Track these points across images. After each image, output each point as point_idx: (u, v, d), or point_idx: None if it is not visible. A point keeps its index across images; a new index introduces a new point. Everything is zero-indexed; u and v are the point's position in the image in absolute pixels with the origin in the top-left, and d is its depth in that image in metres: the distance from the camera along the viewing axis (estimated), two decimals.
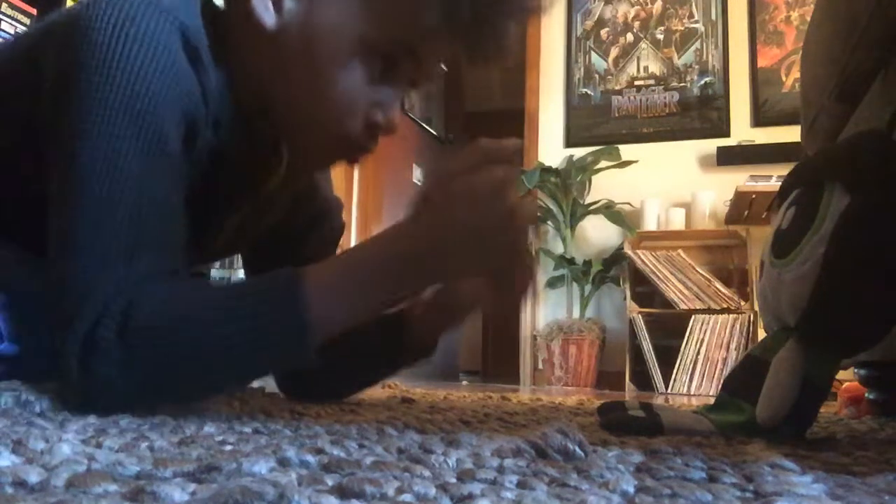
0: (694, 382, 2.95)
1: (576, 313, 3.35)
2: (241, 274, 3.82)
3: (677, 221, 3.32)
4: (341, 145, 0.72)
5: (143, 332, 0.53)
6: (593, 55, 3.76)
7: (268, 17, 0.66)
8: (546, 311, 3.61)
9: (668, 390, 2.96)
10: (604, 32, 3.77)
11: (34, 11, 2.68)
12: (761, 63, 3.47)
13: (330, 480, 0.31)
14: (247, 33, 0.67)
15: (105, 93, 0.58)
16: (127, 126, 0.58)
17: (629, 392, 2.98)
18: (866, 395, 1.18)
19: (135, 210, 0.57)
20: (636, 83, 3.67)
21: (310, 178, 0.91)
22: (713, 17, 3.59)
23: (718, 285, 3.11)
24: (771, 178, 2.93)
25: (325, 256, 0.99)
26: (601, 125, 3.67)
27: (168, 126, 0.60)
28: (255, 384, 0.91)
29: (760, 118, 3.42)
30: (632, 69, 3.69)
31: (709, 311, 3.06)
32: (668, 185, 3.44)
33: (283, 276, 0.56)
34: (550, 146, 3.72)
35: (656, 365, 3.04)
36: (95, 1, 0.61)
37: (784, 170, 0.98)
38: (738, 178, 3.08)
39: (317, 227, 0.96)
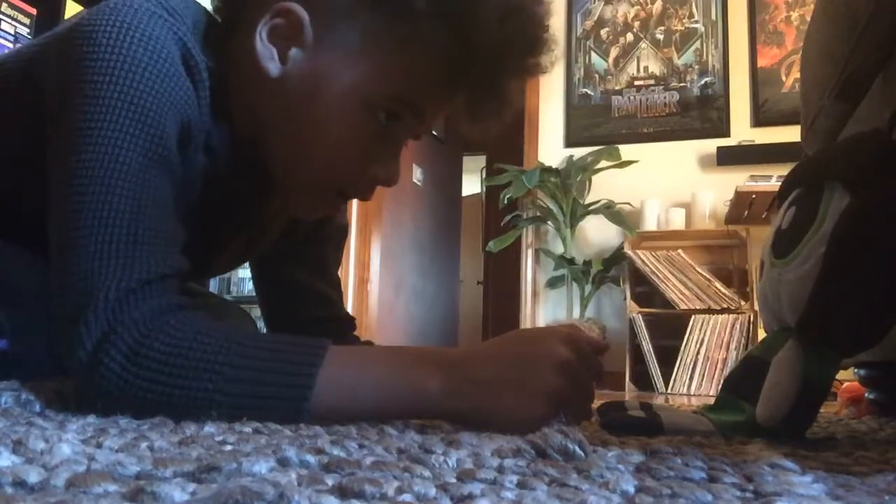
0: (694, 382, 2.95)
1: (576, 313, 3.35)
2: (240, 274, 3.82)
3: (677, 221, 3.32)
4: (334, 195, 0.72)
5: (152, 366, 0.53)
6: (593, 55, 3.76)
7: (272, 66, 0.65)
8: (546, 311, 3.61)
9: (668, 390, 2.96)
10: (604, 32, 3.77)
11: (34, 11, 2.68)
12: (761, 63, 3.47)
13: (330, 480, 0.31)
14: (250, 74, 0.66)
15: (107, 92, 0.57)
16: (129, 125, 0.57)
17: (629, 392, 2.98)
18: (866, 395, 1.18)
19: (136, 209, 0.56)
20: (636, 83, 3.67)
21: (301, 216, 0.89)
22: (713, 17, 3.59)
23: (718, 285, 3.11)
24: (771, 178, 2.93)
25: (329, 257, 0.99)
26: (601, 125, 3.67)
27: (168, 131, 0.60)
28: None
29: (760, 118, 3.42)
30: (632, 69, 3.69)
31: (709, 311, 3.06)
32: (668, 185, 3.45)
33: (304, 360, 0.55)
34: (550, 146, 3.73)
35: (656, 365, 3.04)
36: (97, 10, 0.61)
37: (784, 170, 0.98)
38: (738, 178, 3.08)
39: (320, 227, 0.96)
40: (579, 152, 3.58)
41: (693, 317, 3.06)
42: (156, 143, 0.59)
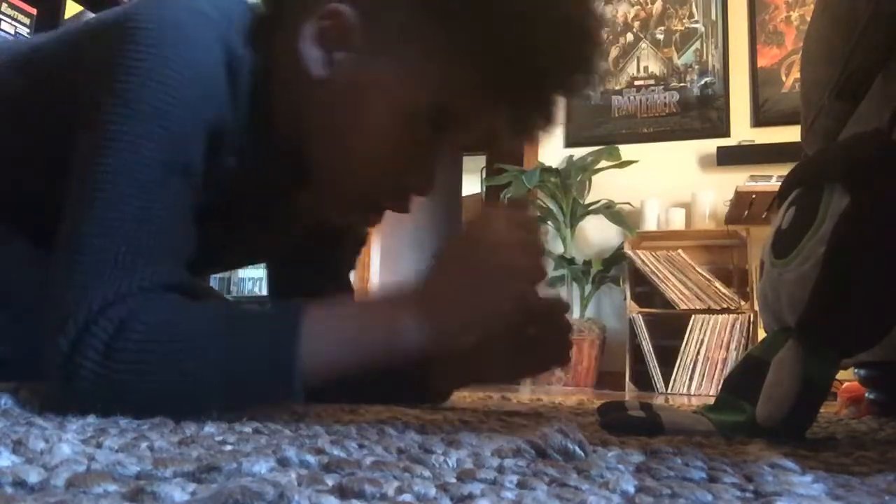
0: (694, 382, 2.95)
1: (576, 313, 3.35)
2: (240, 274, 3.82)
3: (677, 221, 3.32)
4: (370, 205, 0.71)
5: (129, 357, 0.52)
6: None
7: (315, 67, 0.63)
8: None
9: (668, 390, 2.96)
10: (604, 32, 3.76)
11: (34, 11, 2.68)
12: (761, 63, 3.47)
13: (330, 480, 0.31)
14: (293, 74, 0.64)
15: (139, 95, 0.56)
16: (154, 131, 0.56)
17: (629, 392, 2.98)
18: (866, 395, 1.18)
19: (143, 220, 0.55)
20: (636, 83, 3.67)
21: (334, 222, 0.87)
22: (713, 17, 3.59)
23: (718, 285, 3.11)
24: (771, 178, 2.93)
25: (345, 262, 0.98)
26: (601, 125, 3.67)
27: (194, 139, 0.59)
28: None
29: (760, 118, 3.42)
30: (632, 69, 3.69)
31: (709, 311, 3.06)
32: (668, 185, 3.45)
33: (283, 321, 0.54)
34: (550, 146, 3.72)
35: (656, 365, 3.04)
36: (141, 4, 0.60)
37: (784, 170, 0.98)
38: (738, 178, 3.08)
39: (342, 234, 0.95)
40: (579, 152, 3.58)
41: (693, 317, 3.06)
42: (179, 153, 0.58)
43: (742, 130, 3.44)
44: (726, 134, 3.45)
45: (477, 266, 0.60)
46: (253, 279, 4.97)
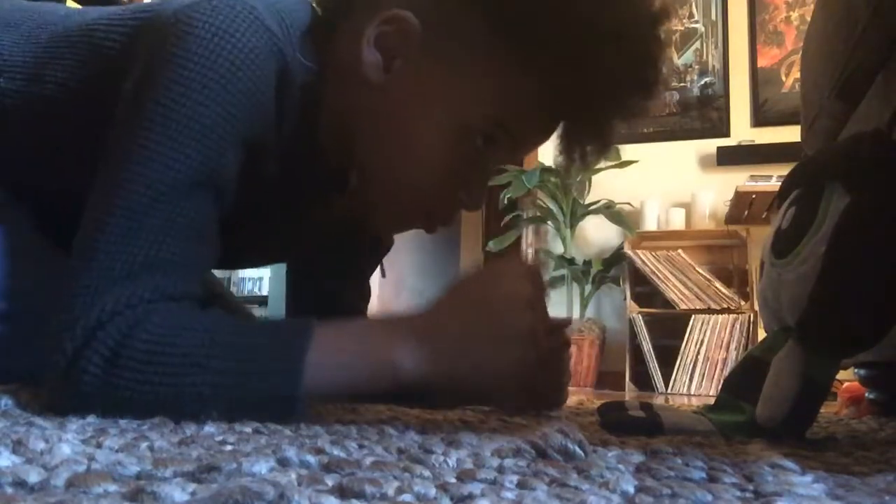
0: (694, 382, 2.95)
1: (576, 313, 3.35)
2: (240, 274, 3.82)
3: (677, 221, 3.32)
4: (417, 214, 0.69)
5: (132, 366, 0.51)
6: None
7: (375, 74, 0.62)
8: None
9: (668, 390, 2.96)
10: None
11: None
12: (761, 63, 3.47)
13: (330, 480, 0.31)
14: (348, 79, 0.64)
15: (180, 106, 0.55)
16: (188, 144, 0.55)
17: (629, 392, 2.98)
18: (866, 395, 1.18)
19: (164, 232, 0.55)
20: None
21: (380, 231, 0.85)
22: (713, 17, 3.59)
23: (718, 285, 3.11)
24: (771, 178, 2.93)
25: (368, 268, 0.97)
26: None
27: (230, 152, 0.58)
28: None
29: (760, 118, 3.42)
30: None
31: (709, 311, 3.06)
32: (668, 185, 3.45)
33: (289, 347, 0.54)
34: (550, 146, 3.71)
35: (656, 365, 3.04)
36: (200, 4, 0.58)
37: (784, 170, 0.98)
38: (738, 178, 3.08)
39: (369, 241, 0.94)
40: None
41: (693, 317, 3.06)
42: (211, 166, 0.57)
43: (742, 130, 3.44)
44: (726, 134, 3.45)
45: (482, 303, 0.58)
46: (253, 279, 4.96)
